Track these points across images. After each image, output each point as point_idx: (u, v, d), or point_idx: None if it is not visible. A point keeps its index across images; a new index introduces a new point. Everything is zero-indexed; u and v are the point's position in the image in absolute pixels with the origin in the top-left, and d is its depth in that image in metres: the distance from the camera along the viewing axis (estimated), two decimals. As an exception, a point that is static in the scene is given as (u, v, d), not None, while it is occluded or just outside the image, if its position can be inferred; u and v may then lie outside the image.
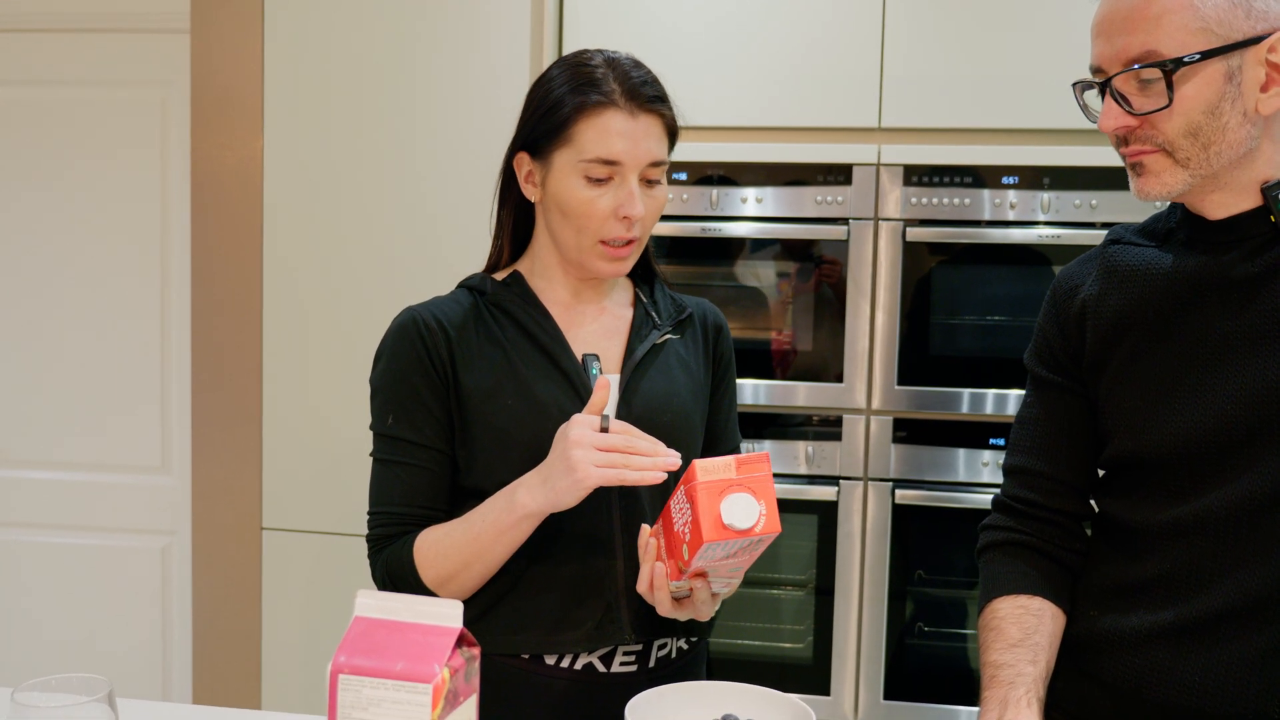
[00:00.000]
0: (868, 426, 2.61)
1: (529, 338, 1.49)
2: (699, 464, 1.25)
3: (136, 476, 3.41)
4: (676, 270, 2.67)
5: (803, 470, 2.63)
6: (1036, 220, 2.53)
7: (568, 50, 2.64)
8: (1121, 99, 1.30)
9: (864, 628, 2.63)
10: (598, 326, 1.54)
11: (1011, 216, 2.53)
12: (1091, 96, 1.36)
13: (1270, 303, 1.29)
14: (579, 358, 1.49)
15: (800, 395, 2.63)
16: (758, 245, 2.63)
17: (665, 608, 1.36)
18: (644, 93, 1.45)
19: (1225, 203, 1.33)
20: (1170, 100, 1.27)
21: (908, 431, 2.60)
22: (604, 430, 1.35)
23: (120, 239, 3.39)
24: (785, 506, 2.61)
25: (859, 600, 2.63)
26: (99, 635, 3.44)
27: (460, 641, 0.94)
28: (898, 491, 2.59)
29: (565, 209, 1.45)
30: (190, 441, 2.80)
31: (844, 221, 2.58)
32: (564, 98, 1.44)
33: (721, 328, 1.63)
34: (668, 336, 1.55)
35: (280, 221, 2.71)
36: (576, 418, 1.36)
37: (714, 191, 2.62)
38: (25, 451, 3.49)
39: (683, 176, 2.62)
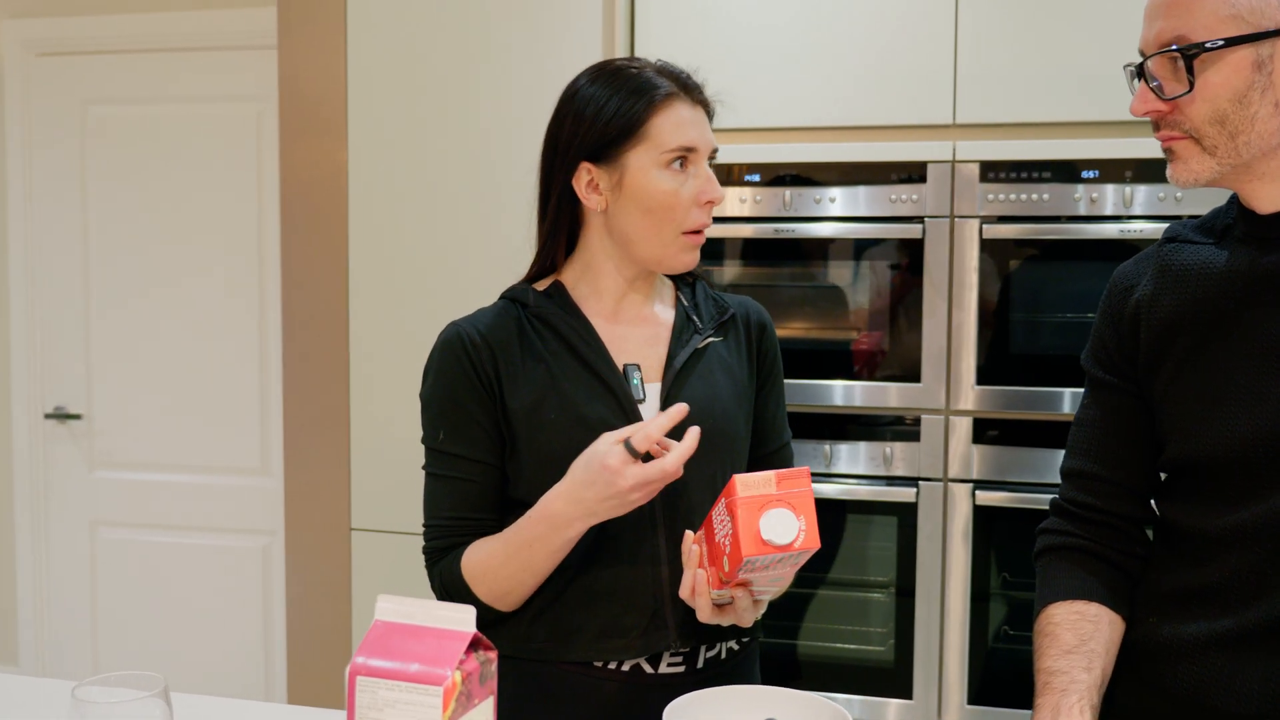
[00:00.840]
0: (947, 427, 2.57)
1: (571, 350, 1.50)
2: (739, 479, 1.25)
3: (238, 479, 3.55)
4: (751, 271, 2.67)
5: (881, 471, 2.61)
6: (1120, 214, 2.46)
7: (640, 56, 2.67)
8: (1155, 84, 1.28)
9: (946, 631, 2.60)
10: (640, 335, 1.55)
11: (1093, 211, 2.47)
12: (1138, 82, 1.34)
13: None
14: (620, 368, 1.50)
15: (878, 396, 2.60)
16: (832, 245, 2.61)
17: (705, 614, 1.37)
18: (693, 84, 1.51)
19: (1273, 195, 1.30)
20: (1191, 86, 1.24)
21: (989, 431, 2.56)
22: (633, 453, 1.35)
23: (222, 251, 3.53)
24: (865, 508, 2.60)
25: (941, 603, 2.60)
26: (206, 633, 3.58)
27: (476, 645, 0.96)
28: (979, 493, 2.55)
29: (649, 204, 1.47)
30: (282, 445, 2.89)
31: (919, 220, 2.55)
32: (626, 101, 1.47)
33: (765, 326, 1.63)
34: (710, 340, 1.56)
35: (365, 231, 2.79)
36: (613, 466, 1.35)
37: (787, 192, 2.61)
38: (137, 454, 3.65)
39: (756, 178, 2.62)
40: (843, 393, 2.62)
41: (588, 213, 1.53)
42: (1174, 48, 1.25)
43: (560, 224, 1.56)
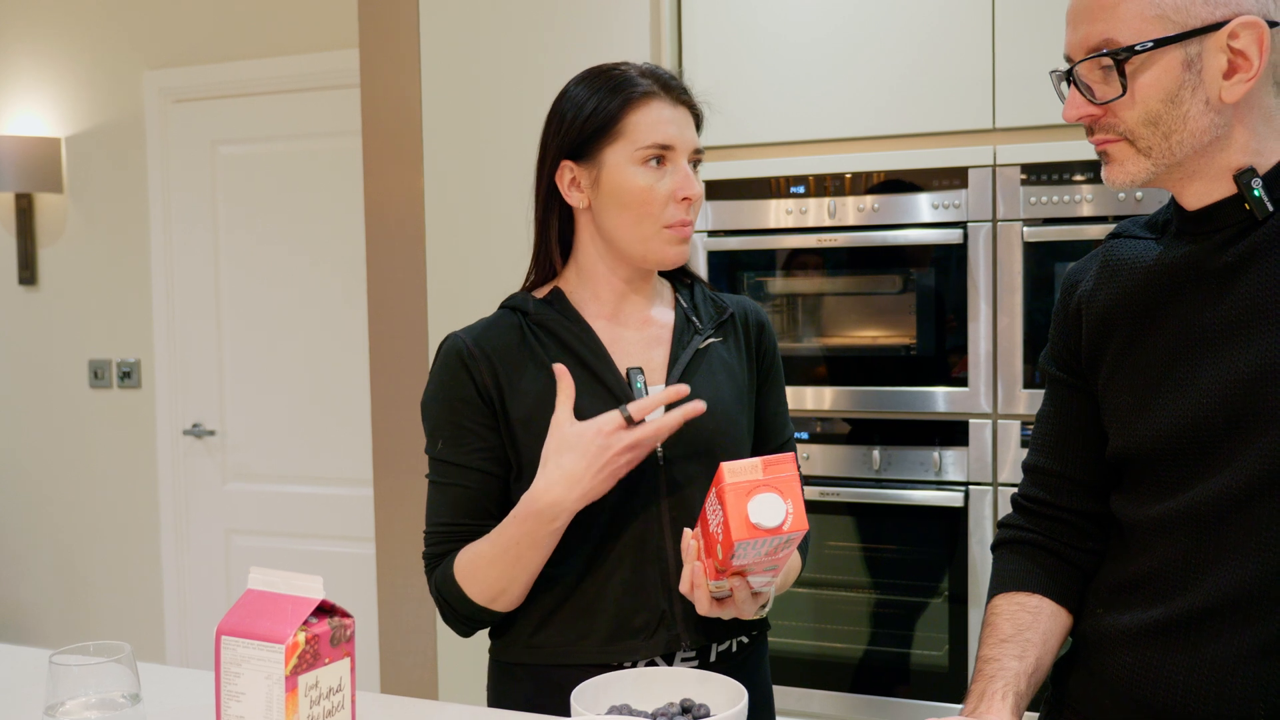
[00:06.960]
0: (995, 431, 2.56)
1: (572, 355, 1.51)
2: (726, 466, 1.27)
3: (353, 489, 3.77)
4: (797, 281, 2.72)
5: (931, 476, 2.62)
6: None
7: (688, 73, 2.76)
8: (1086, 88, 1.30)
9: (1000, 637, 2.58)
10: (641, 337, 1.57)
11: (1138, 210, 2.43)
12: (1067, 86, 1.35)
13: (1245, 292, 1.25)
14: (622, 372, 1.52)
15: (926, 401, 2.62)
16: (877, 253, 2.64)
17: (704, 607, 1.37)
18: (675, 85, 1.54)
19: (1200, 191, 1.30)
20: (1124, 89, 1.25)
21: (1039, 436, 2.53)
22: (629, 420, 1.40)
23: (334, 275, 3.77)
24: (915, 513, 2.62)
25: (994, 608, 2.58)
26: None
27: (331, 612, 1.08)
28: (1029, 497, 2.53)
29: (625, 200, 1.50)
30: (372, 458, 3.08)
31: (961, 225, 2.55)
32: (604, 99, 1.51)
33: (764, 325, 1.64)
34: (710, 341, 1.57)
35: (440, 252, 2.96)
36: (607, 430, 1.40)
37: (831, 202, 2.65)
38: (264, 467, 3.92)
39: (800, 189, 2.67)
40: (891, 399, 2.64)
41: (578, 215, 1.56)
42: (1104, 52, 1.25)
43: (549, 225, 1.59)
